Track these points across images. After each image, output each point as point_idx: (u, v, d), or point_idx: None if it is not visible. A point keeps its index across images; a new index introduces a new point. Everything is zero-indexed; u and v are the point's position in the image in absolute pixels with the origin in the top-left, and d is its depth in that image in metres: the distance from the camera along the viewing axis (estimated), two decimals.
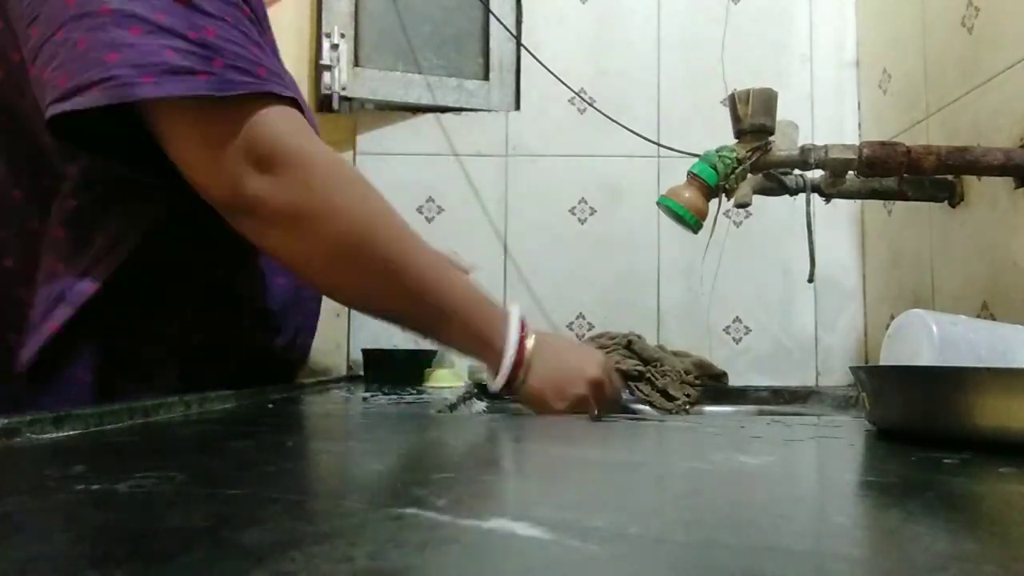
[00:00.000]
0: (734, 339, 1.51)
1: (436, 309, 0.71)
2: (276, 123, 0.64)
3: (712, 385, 1.28)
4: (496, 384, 0.73)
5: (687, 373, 1.26)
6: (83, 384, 0.68)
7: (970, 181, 1.11)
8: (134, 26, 0.58)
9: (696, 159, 1.02)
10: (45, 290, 0.66)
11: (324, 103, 1.50)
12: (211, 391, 0.67)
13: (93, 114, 0.59)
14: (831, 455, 0.49)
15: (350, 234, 0.67)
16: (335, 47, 1.45)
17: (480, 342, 0.73)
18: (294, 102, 0.66)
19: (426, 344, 0.94)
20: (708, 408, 1.19)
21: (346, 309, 1.50)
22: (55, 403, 0.62)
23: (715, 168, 0.99)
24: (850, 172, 1.01)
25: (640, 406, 1.07)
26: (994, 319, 1.05)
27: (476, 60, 1.58)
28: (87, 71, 0.58)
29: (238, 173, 0.63)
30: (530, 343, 0.73)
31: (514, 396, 0.75)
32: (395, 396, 0.89)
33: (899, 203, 1.31)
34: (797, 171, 1.06)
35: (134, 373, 0.71)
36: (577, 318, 1.51)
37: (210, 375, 0.75)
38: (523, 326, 0.74)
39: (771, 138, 1.01)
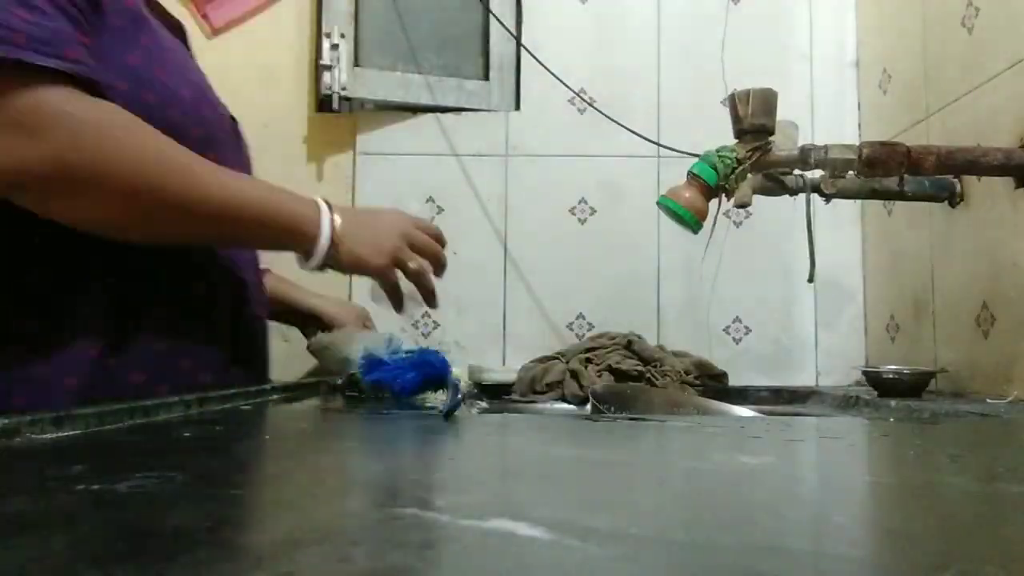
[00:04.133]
0: (734, 339, 1.51)
1: (243, 222, 0.71)
2: (33, 91, 0.60)
3: (712, 385, 1.28)
4: (312, 263, 0.76)
5: (687, 373, 1.26)
6: None
7: (970, 181, 1.11)
8: None
9: (696, 159, 1.02)
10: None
11: (324, 103, 1.50)
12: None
13: None
14: (831, 455, 0.49)
15: (128, 184, 0.64)
16: (335, 47, 1.45)
17: (293, 234, 0.75)
18: (64, 72, 0.61)
19: (426, 344, 0.92)
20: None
21: None
22: None
23: (715, 168, 0.99)
24: (850, 172, 1.01)
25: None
26: (994, 319, 1.05)
27: (476, 60, 1.58)
28: None
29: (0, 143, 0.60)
30: (338, 219, 0.76)
31: (337, 269, 0.79)
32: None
33: (899, 203, 1.31)
34: (797, 171, 1.06)
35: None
36: (577, 318, 1.51)
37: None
38: (329, 207, 0.77)
39: (771, 138, 1.01)
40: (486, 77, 1.56)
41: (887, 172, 1.00)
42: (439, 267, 0.85)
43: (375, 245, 0.79)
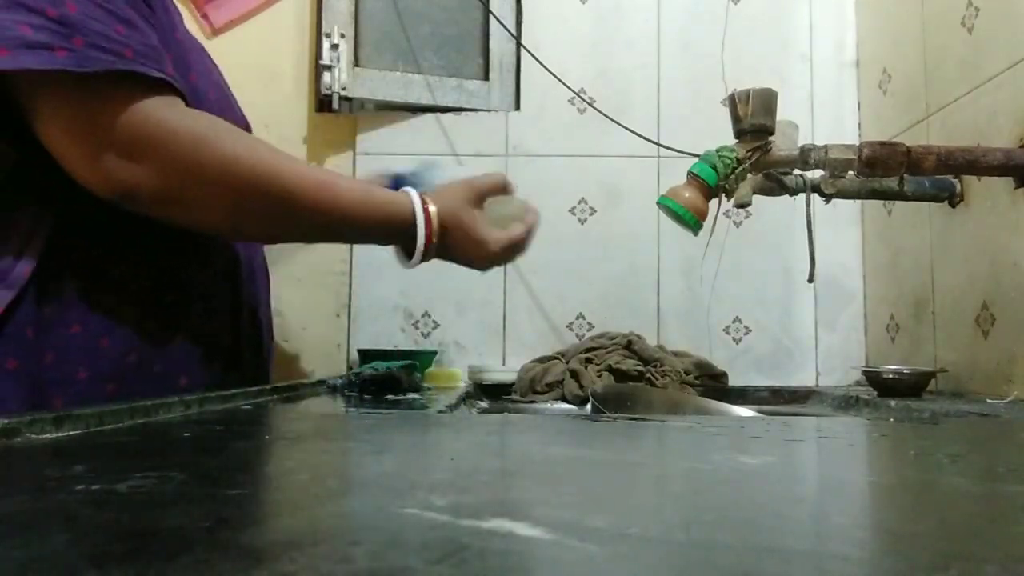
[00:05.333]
0: (734, 339, 1.51)
1: (337, 222, 0.72)
2: (141, 104, 0.62)
3: (712, 385, 1.28)
4: (413, 262, 0.77)
5: (687, 373, 1.26)
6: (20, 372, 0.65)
7: (970, 181, 1.11)
8: None
9: (696, 159, 1.02)
10: None
11: (324, 103, 1.50)
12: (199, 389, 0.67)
13: None
14: (831, 455, 0.49)
15: (232, 200, 0.66)
16: (335, 47, 1.45)
17: (388, 232, 0.76)
18: (166, 83, 0.64)
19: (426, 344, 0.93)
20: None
21: (345, 309, 1.50)
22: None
23: (715, 168, 0.99)
24: (850, 172, 1.01)
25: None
26: (994, 319, 1.05)
27: (476, 60, 1.58)
28: None
29: (107, 163, 0.62)
30: (435, 222, 0.77)
31: (444, 255, 0.80)
32: (392, 398, 0.89)
33: (899, 203, 1.31)
34: (797, 171, 1.06)
35: (81, 357, 0.68)
36: (577, 318, 1.51)
37: (163, 364, 0.73)
38: (424, 202, 0.77)
39: (771, 138, 1.01)
40: (486, 77, 1.56)
41: (887, 172, 1.00)
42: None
43: (477, 251, 0.80)
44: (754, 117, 1.00)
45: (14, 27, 0.57)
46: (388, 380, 0.89)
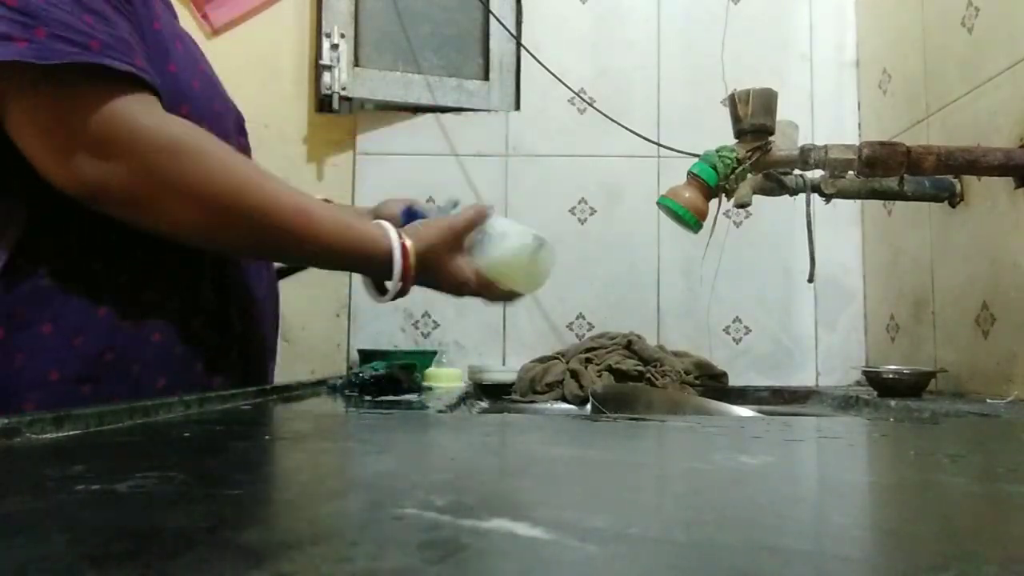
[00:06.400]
0: (734, 339, 1.51)
1: (311, 248, 0.71)
2: (111, 103, 0.60)
3: (712, 385, 1.28)
4: (384, 299, 0.78)
5: (687, 373, 1.26)
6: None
7: (970, 181, 1.11)
8: None
9: (696, 159, 1.02)
10: None
11: (324, 103, 1.50)
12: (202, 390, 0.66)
13: None
14: (831, 455, 0.49)
15: (202, 204, 0.64)
16: (335, 47, 1.45)
17: (361, 258, 0.75)
18: (136, 77, 0.62)
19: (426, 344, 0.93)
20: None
21: (345, 309, 1.50)
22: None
23: (715, 168, 0.99)
24: (850, 172, 1.01)
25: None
26: (994, 319, 1.05)
27: (476, 60, 1.58)
28: None
29: (75, 160, 0.60)
30: (412, 252, 0.76)
31: (424, 280, 0.79)
32: (392, 398, 0.89)
33: (899, 203, 1.31)
34: (797, 171, 1.06)
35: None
36: (577, 318, 1.51)
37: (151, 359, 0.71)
38: (400, 236, 0.76)
39: (771, 138, 1.01)
40: (486, 77, 1.56)
41: (887, 172, 1.00)
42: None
43: (450, 283, 0.80)
44: (754, 117, 1.00)
45: None
46: (388, 380, 0.89)
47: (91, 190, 0.61)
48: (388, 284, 0.76)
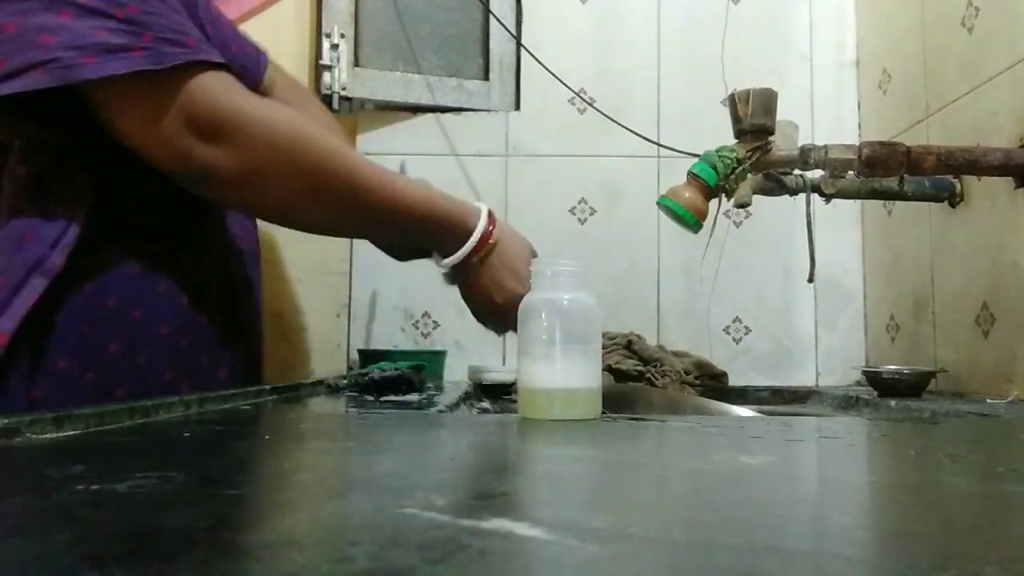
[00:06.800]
0: (734, 339, 1.51)
1: (397, 210, 0.75)
2: (212, 90, 0.66)
3: (712, 385, 1.28)
4: (453, 258, 0.80)
5: (687, 373, 1.26)
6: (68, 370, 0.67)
7: (970, 181, 1.11)
8: (63, 9, 0.60)
9: (696, 159, 1.02)
10: (18, 257, 0.66)
11: (324, 103, 1.50)
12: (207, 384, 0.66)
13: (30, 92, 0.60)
14: (831, 455, 0.49)
15: (302, 183, 0.70)
16: (335, 47, 1.45)
17: (445, 230, 0.79)
18: (225, 66, 0.68)
19: (427, 345, 0.92)
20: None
21: (346, 309, 1.50)
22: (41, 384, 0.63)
23: (715, 168, 0.99)
24: (850, 172, 1.01)
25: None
26: (994, 319, 1.05)
27: (476, 60, 1.58)
28: (25, 53, 0.59)
29: (184, 144, 0.65)
30: (496, 233, 0.80)
31: (467, 276, 0.82)
32: (393, 398, 0.89)
33: (899, 203, 1.31)
34: (797, 171, 1.06)
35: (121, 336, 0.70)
36: None
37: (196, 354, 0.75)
38: (491, 215, 0.81)
39: (771, 138, 1.01)
40: (486, 77, 1.56)
41: (887, 172, 1.00)
42: None
43: (505, 280, 0.82)
44: (754, 117, 1.00)
45: (92, 34, 0.60)
46: (400, 381, 0.89)
47: (203, 172, 0.67)
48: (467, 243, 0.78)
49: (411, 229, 0.79)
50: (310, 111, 0.98)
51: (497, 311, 0.83)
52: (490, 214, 0.80)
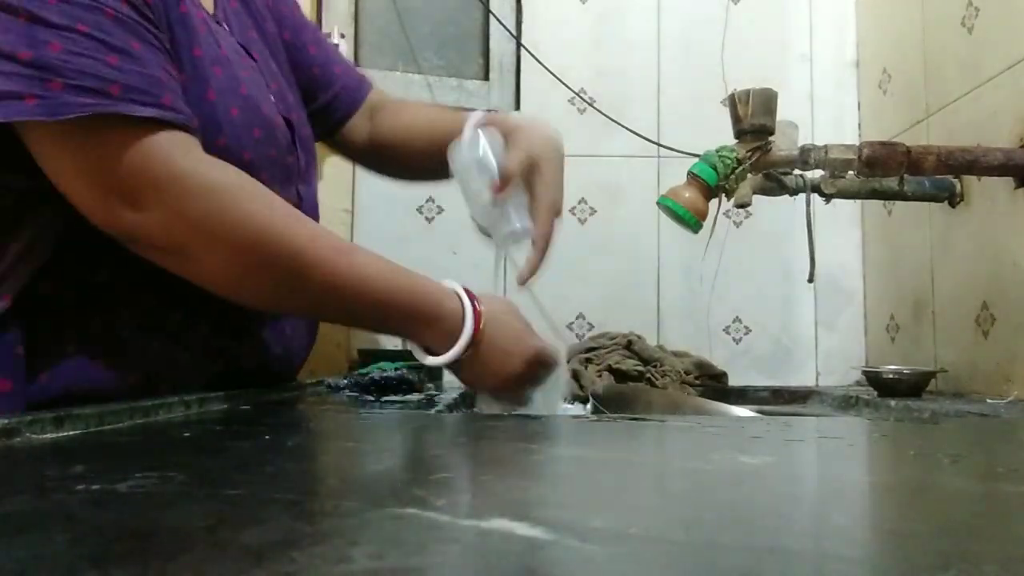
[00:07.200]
0: (734, 339, 1.51)
1: (353, 295, 0.67)
2: (140, 149, 0.58)
3: (712, 385, 1.28)
4: (445, 357, 0.69)
5: (687, 373, 1.26)
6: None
7: (970, 181, 1.11)
8: None
9: (696, 159, 1.02)
10: None
11: None
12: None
13: None
14: (831, 455, 0.49)
15: (237, 260, 0.63)
16: (335, 47, 1.45)
17: (420, 320, 0.69)
18: (171, 123, 0.60)
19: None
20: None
21: None
22: None
23: (715, 168, 0.99)
24: (850, 172, 1.01)
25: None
26: (994, 319, 1.05)
27: (476, 60, 1.58)
28: None
29: (109, 207, 0.60)
30: (484, 313, 0.70)
31: (458, 369, 0.73)
32: (393, 398, 0.89)
33: (899, 203, 1.31)
34: (797, 171, 1.06)
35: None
36: (577, 318, 1.51)
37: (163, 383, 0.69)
38: (471, 296, 0.71)
39: (771, 138, 1.01)
40: (486, 77, 1.56)
41: (887, 172, 1.00)
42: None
43: (506, 362, 0.73)
44: (754, 117, 1.00)
45: None
46: (401, 381, 0.88)
47: (131, 236, 0.62)
48: (447, 350, 0.69)
49: (373, 316, 0.70)
50: (432, 129, 0.92)
51: (502, 393, 0.76)
52: (470, 297, 0.71)
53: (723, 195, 1.02)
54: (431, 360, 0.71)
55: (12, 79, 0.55)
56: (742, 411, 0.96)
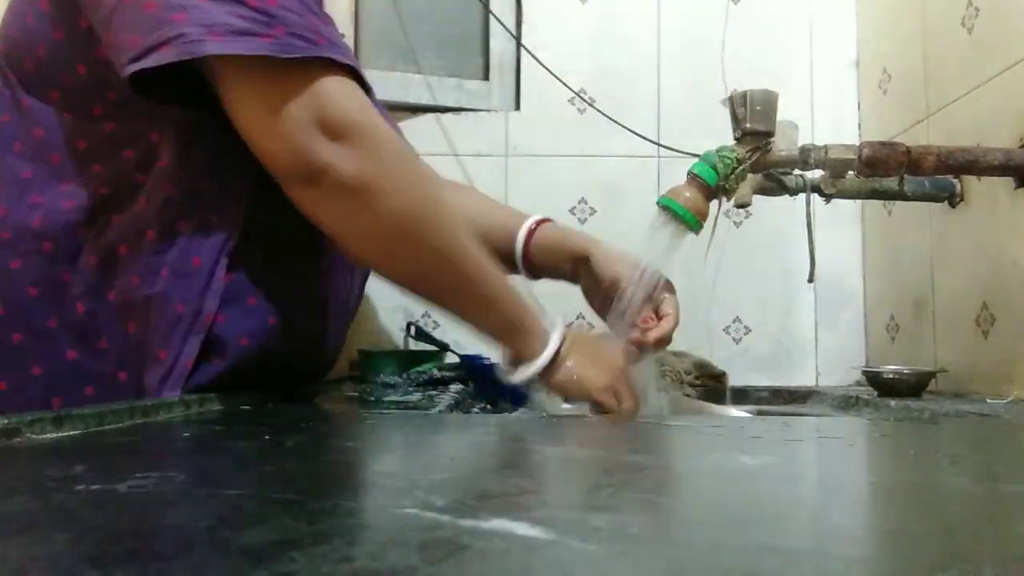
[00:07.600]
0: (734, 339, 1.51)
1: (476, 294, 0.73)
2: (341, 91, 0.66)
3: (712, 385, 1.28)
4: (529, 371, 0.74)
5: (687, 373, 1.26)
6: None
7: (970, 181, 1.11)
8: None
9: (696, 159, 1.02)
10: (184, 283, 0.70)
11: None
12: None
13: (166, 71, 0.61)
14: (831, 455, 0.49)
15: (408, 213, 0.68)
16: None
17: (515, 328, 0.76)
18: (353, 72, 0.68)
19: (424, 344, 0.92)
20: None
21: None
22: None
23: (715, 168, 0.99)
24: (850, 172, 1.01)
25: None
26: (994, 319, 1.05)
27: (476, 60, 1.58)
28: (157, 30, 0.60)
29: (306, 139, 0.63)
30: (567, 340, 0.77)
31: (545, 382, 0.77)
32: (394, 398, 0.89)
33: (899, 203, 1.31)
34: (797, 171, 1.06)
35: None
36: (577, 318, 1.51)
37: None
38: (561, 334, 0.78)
39: (771, 138, 1.01)
40: (486, 77, 1.56)
41: (887, 172, 1.00)
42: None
43: (597, 370, 0.78)
44: (754, 117, 1.00)
45: (223, 16, 0.60)
46: (457, 378, 0.93)
47: (315, 169, 0.64)
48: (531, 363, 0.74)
49: (482, 315, 0.76)
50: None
51: (590, 396, 0.78)
52: (561, 335, 0.78)
53: (723, 195, 1.02)
54: (513, 374, 0.76)
55: (247, 21, 0.61)
56: (741, 412, 0.96)
